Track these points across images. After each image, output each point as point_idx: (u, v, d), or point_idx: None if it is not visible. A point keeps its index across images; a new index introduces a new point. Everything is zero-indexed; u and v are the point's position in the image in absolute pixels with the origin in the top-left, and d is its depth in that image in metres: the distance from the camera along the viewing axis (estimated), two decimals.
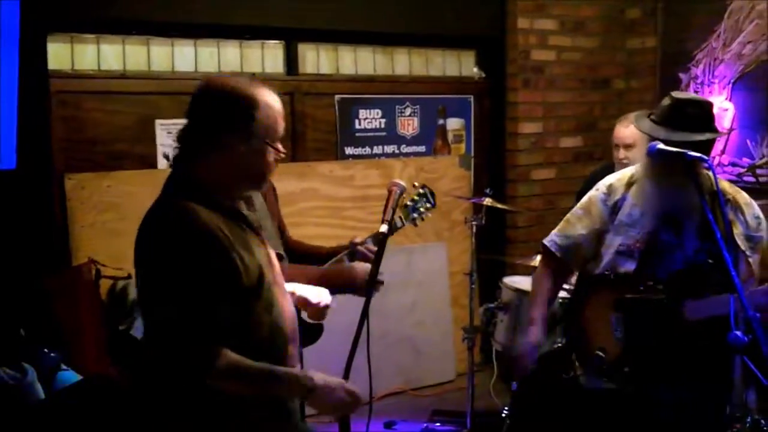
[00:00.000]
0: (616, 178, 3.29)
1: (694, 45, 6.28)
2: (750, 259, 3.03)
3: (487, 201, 4.77)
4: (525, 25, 6.16)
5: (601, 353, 3.06)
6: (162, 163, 5.02)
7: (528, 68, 6.20)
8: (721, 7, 6.12)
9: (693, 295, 2.95)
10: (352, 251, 3.45)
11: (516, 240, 6.18)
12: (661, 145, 2.91)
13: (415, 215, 3.60)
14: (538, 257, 4.67)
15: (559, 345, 4.30)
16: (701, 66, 6.26)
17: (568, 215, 3.35)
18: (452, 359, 5.83)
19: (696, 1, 6.28)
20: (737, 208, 3.10)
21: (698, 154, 2.84)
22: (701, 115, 3.00)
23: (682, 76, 6.34)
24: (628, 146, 4.57)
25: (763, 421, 4.03)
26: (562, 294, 4.52)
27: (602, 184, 3.29)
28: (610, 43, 6.51)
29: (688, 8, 6.33)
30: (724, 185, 3.13)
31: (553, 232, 3.36)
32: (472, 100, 6.27)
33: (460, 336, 4.94)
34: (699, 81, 6.26)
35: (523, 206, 6.10)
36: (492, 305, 4.79)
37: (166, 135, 5.03)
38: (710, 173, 2.87)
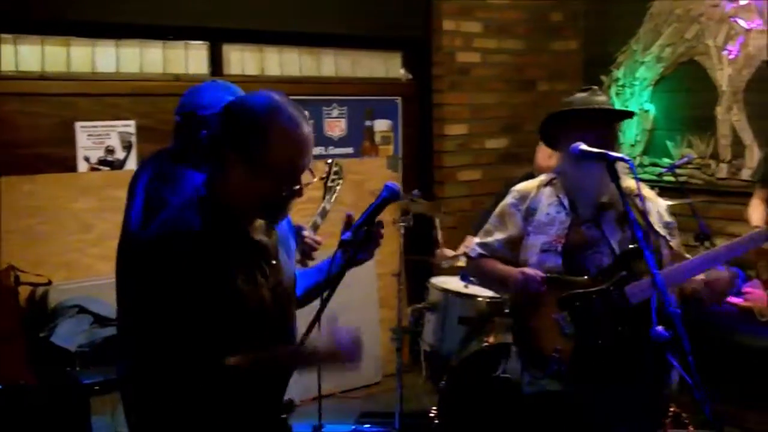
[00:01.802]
0: (528, 183, 3.38)
1: (616, 48, 6.40)
2: (671, 243, 3.13)
3: (418, 202, 4.78)
4: (450, 27, 6.20)
5: (556, 354, 3.08)
6: (83, 166, 4.92)
7: (454, 70, 6.24)
8: (641, 11, 6.24)
9: (629, 282, 3.02)
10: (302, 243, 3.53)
11: (444, 240, 6.19)
12: (583, 146, 2.98)
13: (336, 194, 3.88)
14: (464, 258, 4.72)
15: (487, 344, 4.34)
16: (622, 68, 6.37)
17: (487, 224, 3.41)
18: (380, 361, 5.83)
19: (617, 4, 6.39)
20: (650, 200, 3.21)
21: (619, 155, 2.91)
22: (606, 100, 3.18)
23: (603, 78, 6.45)
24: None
25: (684, 414, 4.12)
26: (490, 293, 4.57)
27: (515, 191, 3.37)
28: (535, 46, 6.58)
29: (610, 12, 6.45)
30: (632, 183, 3.16)
31: (474, 240, 3.44)
32: (399, 101, 6.28)
33: (388, 337, 4.94)
34: (620, 83, 6.37)
35: (450, 207, 6.12)
36: (420, 306, 4.80)
37: (86, 138, 4.92)
38: (628, 169, 2.94)
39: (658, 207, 3.25)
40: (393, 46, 6.34)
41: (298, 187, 2.25)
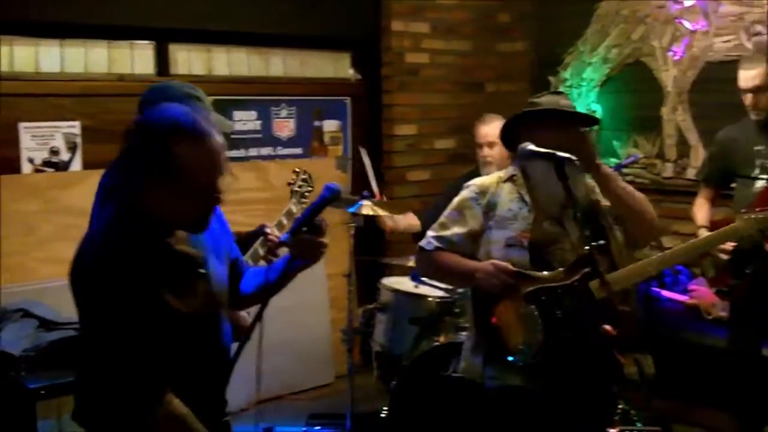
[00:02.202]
0: (486, 178, 3.39)
1: (563, 49, 6.45)
2: (616, 233, 3.18)
3: (366, 203, 4.77)
4: (399, 27, 6.20)
5: (523, 348, 3.09)
6: (27, 168, 4.83)
7: (403, 71, 6.25)
8: (588, 12, 6.30)
9: (593, 278, 3.02)
10: (263, 238, 3.61)
11: (394, 241, 6.20)
12: (531, 146, 3.00)
13: (304, 200, 3.91)
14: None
15: (438, 344, 4.35)
16: (570, 69, 6.43)
17: (442, 217, 3.37)
18: (331, 362, 5.82)
19: (565, 5, 6.45)
20: (592, 190, 3.25)
21: (567, 155, 2.94)
22: (568, 101, 3.21)
23: (551, 79, 6.50)
24: (491, 144, 4.76)
25: (633, 411, 4.17)
26: (440, 293, 4.59)
27: (472, 185, 3.36)
28: (483, 47, 6.61)
29: (557, 13, 6.50)
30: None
31: (429, 233, 3.37)
32: (348, 102, 6.27)
33: (338, 338, 4.93)
34: (568, 84, 6.43)
35: (400, 207, 6.11)
36: (371, 306, 4.80)
37: (30, 138, 4.83)
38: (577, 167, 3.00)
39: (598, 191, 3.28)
40: (342, 47, 6.33)
41: (216, 195, 2.26)
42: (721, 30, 5.62)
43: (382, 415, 4.41)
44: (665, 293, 5.45)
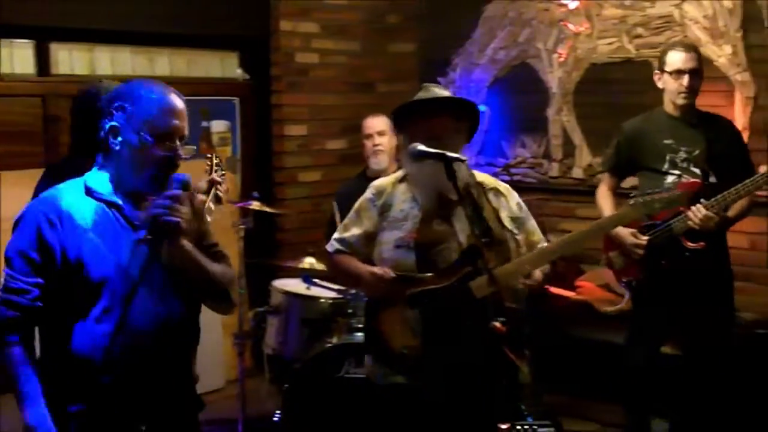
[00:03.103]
0: (385, 179, 3.41)
1: (452, 50, 6.51)
2: (517, 237, 3.23)
3: (255, 204, 4.73)
4: (288, 27, 6.15)
5: (405, 351, 3.10)
6: None
7: (292, 71, 6.20)
8: (476, 14, 6.37)
9: (473, 277, 3.07)
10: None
11: (285, 243, 6.15)
12: (421, 147, 3.02)
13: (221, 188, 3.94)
14: (308, 259, 4.70)
15: (331, 345, 4.33)
16: (459, 70, 6.49)
17: (345, 219, 3.43)
18: (222, 366, 5.73)
19: (453, 7, 6.50)
20: (501, 195, 3.29)
21: (456, 155, 2.97)
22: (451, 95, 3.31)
23: (441, 80, 6.54)
24: (380, 132, 4.91)
25: (523, 406, 4.22)
26: (332, 295, 4.57)
27: (371, 187, 3.39)
28: (373, 48, 6.61)
29: (446, 14, 6.55)
30: (485, 177, 3.34)
31: (334, 235, 3.44)
32: (237, 102, 6.19)
33: (230, 342, 4.86)
34: (457, 85, 6.49)
35: (291, 208, 6.08)
36: (262, 309, 4.75)
37: None
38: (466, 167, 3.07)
39: (511, 201, 3.31)
40: (230, 46, 6.24)
41: (174, 146, 2.48)
42: (604, 32, 5.77)
43: (275, 419, 4.36)
44: (553, 289, 5.55)
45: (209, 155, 4.04)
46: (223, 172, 3.97)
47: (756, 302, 4.94)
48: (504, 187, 3.35)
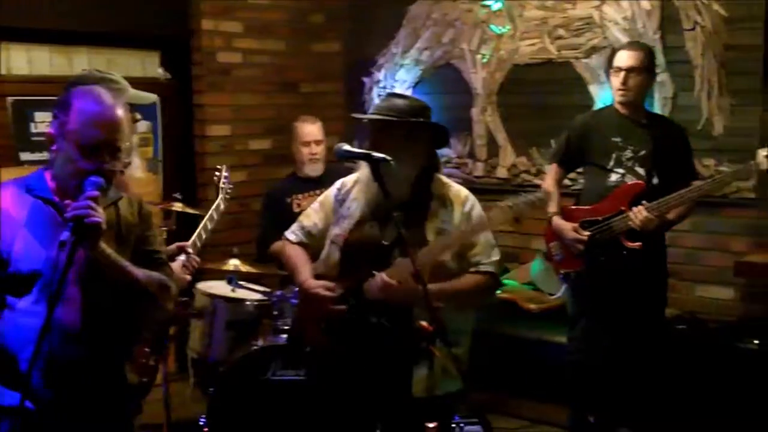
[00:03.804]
0: (351, 176, 3.48)
1: (377, 50, 6.51)
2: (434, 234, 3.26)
3: (178, 206, 4.67)
4: (210, 26, 6.07)
5: (312, 348, 3.15)
6: None
7: (215, 70, 6.12)
8: (400, 14, 6.37)
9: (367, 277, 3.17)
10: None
11: (210, 244, 6.04)
12: (346, 147, 3.07)
13: (228, 196, 4.32)
14: (233, 260, 4.65)
15: (256, 348, 4.29)
16: (383, 70, 6.49)
17: (308, 209, 3.55)
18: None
19: (377, 7, 6.50)
20: (445, 203, 3.30)
21: (382, 155, 2.99)
22: (406, 104, 3.27)
23: (365, 80, 6.55)
24: (318, 142, 5.01)
25: (458, 417, 4.24)
26: (258, 296, 4.53)
27: (339, 181, 3.50)
28: (297, 47, 6.57)
29: (370, 14, 6.54)
30: (442, 184, 3.36)
31: (295, 222, 3.55)
32: (158, 102, 6.07)
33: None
34: (382, 85, 6.49)
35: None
36: (185, 312, 4.68)
37: None
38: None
39: (456, 212, 3.30)
40: (151, 45, 6.13)
41: (101, 160, 2.49)
42: (527, 34, 5.83)
43: (201, 423, 4.31)
44: None
45: (219, 167, 4.30)
46: (231, 186, 4.34)
47: (677, 299, 5.04)
48: (457, 196, 3.34)
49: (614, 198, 4.32)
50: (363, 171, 3.30)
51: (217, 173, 4.30)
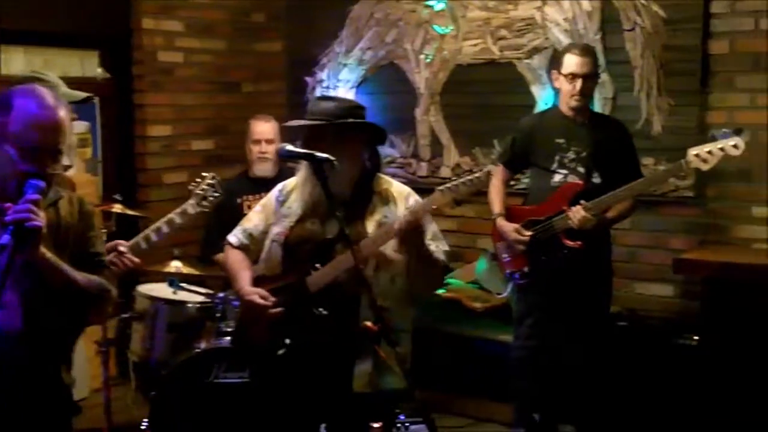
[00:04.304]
0: (292, 178, 3.49)
1: (319, 50, 6.48)
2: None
3: (117, 207, 4.60)
4: (150, 25, 5.99)
5: (256, 348, 3.16)
6: None
7: (155, 70, 6.05)
8: (342, 14, 6.36)
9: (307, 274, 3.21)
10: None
11: (151, 246, 5.98)
12: (289, 147, 3.09)
13: (205, 203, 4.14)
14: (174, 262, 4.60)
15: (199, 350, 4.26)
16: (326, 70, 6.47)
17: (250, 212, 3.57)
18: (85, 376, 5.54)
19: (319, 7, 6.48)
20: (387, 199, 3.32)
21: (324, 155, 2.98)
22: (336, 106, 3.27)
23: (308, 79, 6.52)
24: (269, 141, 4.97)
25: (402, 416, 4.24)
26: (200, 299, 4.48)
27: (281, 184, 3.52)
28: (238, 47, 6.52)
29: (312, 14, 6.52)
30: (383, 181, 3.38)
31: (238, 226, 3.56)
32: (97, 102, 5.99)
33: (93, 350, 4.72)
34: (324, 85, 6.47)
35: (156, 211, 5.92)
36: (126, 315, 4.62)
37: None
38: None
39: (399, 208, 3.32)
40: (89, 45, 6.04)
41: (40, 163, 2.45)
42: (469, 34, 5.85)
43: (143, 427, 4.25)
44: None
45: (205, 175, 4.21)
46: (217, 193, 4.17)
47: (617, 296, 5.10)
48: (399, 193, 3.36)
49: (556, 198, 4.36)
50: (304, 171, 3.31)
51: (198, 179, 4.21)
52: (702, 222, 5.08)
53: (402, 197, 3.33)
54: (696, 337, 4.65)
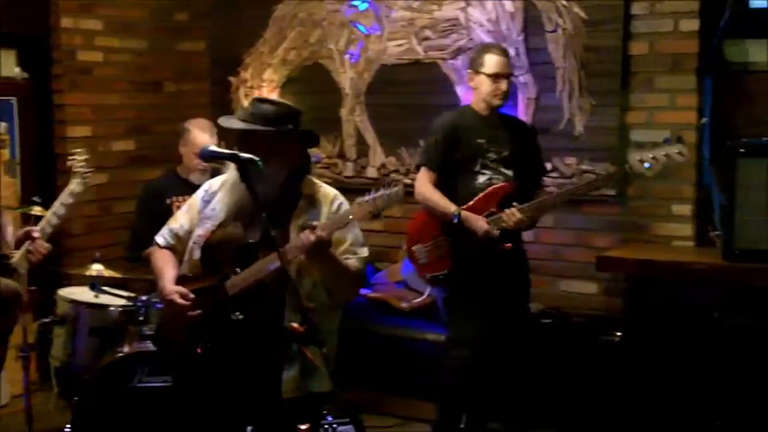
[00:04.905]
0: (218, 178, 3.44)
1: (243, 49, 6.43)
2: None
3: (37, 210, 4.50)
4: (69, 24, 5.88)
5: (177, 351, 3.17)
6: None
7: (75, 69, 5.93)
8: (266, 14, 6.32)
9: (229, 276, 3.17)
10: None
11: (72, 249, 5.88)
12: (213, 147, 3.12)
13: (86, 179, 4.11)
14: (95, 265, 4.53)
15: (122, 354, 4.21)
16: (250, 70, 6.42)
17: (178, 212, 3.50)
18: (5, 382, 5.42)
19: (243, 6, 6.43)
20: (315, 203, 3.28)
21: (249, 156, 2.97)
22: (273, 111, 3.22)
23: (232, 79, 6.47)
24: None
25: (330, 417, 4.24)
26: (122, 302, 4.42)
27: (206, 183, 3.46)
28: (161, 46, 6.44)
29: (236, 13, 6.47)
30: (311, 184, 3.34)
31: (165, 225, 3.49)
32: (14, 102, 5.85)
33: (13, 355, 4.61)
34: (248, 85, 6.42)
35: (76, 213, 5.82)
36: (47, 320, 4.55)
37: None
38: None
39: (323, 211, 3.28)
40: (7, 44, 5.89)
41: None
42: (394, 34, 5.87)
43: None
44: None
45: (74, 151, 4.14)
46: (89, 170, 4.13)
47: (542, 294, 5.17)
48: (325, 196, 3.32)
49: (483, 200, 4.39)
50: (230, 172, 3.27)
51: (71, 157, 4.13)
52: (624, 220, 5.17)
53: (327, 200, 3.31)
54: (619, 334, 4.73)
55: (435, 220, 4.46)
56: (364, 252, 3.31)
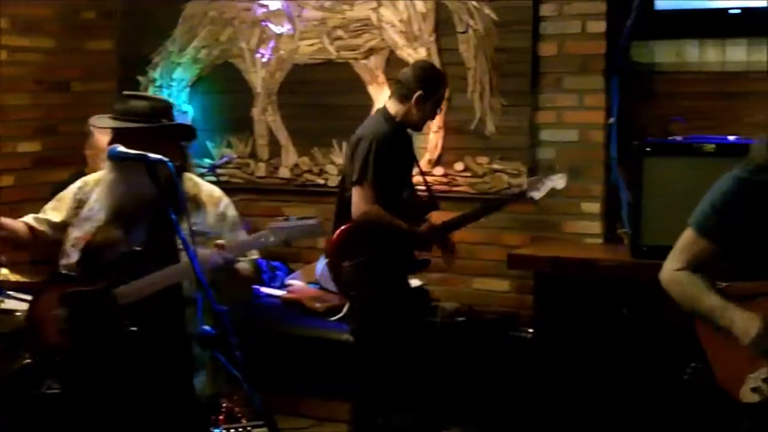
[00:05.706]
0: (93, 175, 3.36)
1: (152, 48, 6.33)
2: (219, 241, 3.13)
3: None
4: None
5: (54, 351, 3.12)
6: None
7: None
8: (175, 12, 6.23)
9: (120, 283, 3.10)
10: None
11: None
12: (121, 148, 3.00)
13: None
14: (1, 270, 4.40)
15: (29, 361, 4.10)
16: (159, 69, 6.32)
17: (48, 204, 3.38)
18: None
19: (152, 5, 6.32)
20: (200, 205, 3.23)
21: (159, 156, 2.93)
22: (147, 106, 3.17)
23: (141, 78, 6.35)
24: None
25: (236, 409, 4.20)
26: (21, 306, 4.31)
27: (80, 180, 3.37)
28: (68, 45, 6.29)
29: (145, 12, 6.35)
30: (193, 184, 3.28)
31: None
32: None
33: None
34: (157, 84, 6.32)
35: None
36: None
37: None
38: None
39: (209, 213, 3.25)
40: None
41: None
42: (306, 34, 5.84)
43: None
44: (263, 290, 5.57)
45: None
46: None
47: (456, 292, 5.22)
48: (210, 196, 3.27)
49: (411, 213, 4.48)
50: (107, 171, 3.20)
51: None
52: (535, 218, 5.25)
53: (212, 201, 3.26)
54: (530, 330, 4.80)
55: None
56: (254, 254, 3.29)
